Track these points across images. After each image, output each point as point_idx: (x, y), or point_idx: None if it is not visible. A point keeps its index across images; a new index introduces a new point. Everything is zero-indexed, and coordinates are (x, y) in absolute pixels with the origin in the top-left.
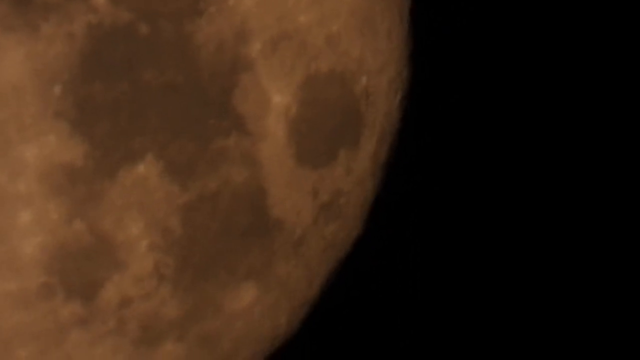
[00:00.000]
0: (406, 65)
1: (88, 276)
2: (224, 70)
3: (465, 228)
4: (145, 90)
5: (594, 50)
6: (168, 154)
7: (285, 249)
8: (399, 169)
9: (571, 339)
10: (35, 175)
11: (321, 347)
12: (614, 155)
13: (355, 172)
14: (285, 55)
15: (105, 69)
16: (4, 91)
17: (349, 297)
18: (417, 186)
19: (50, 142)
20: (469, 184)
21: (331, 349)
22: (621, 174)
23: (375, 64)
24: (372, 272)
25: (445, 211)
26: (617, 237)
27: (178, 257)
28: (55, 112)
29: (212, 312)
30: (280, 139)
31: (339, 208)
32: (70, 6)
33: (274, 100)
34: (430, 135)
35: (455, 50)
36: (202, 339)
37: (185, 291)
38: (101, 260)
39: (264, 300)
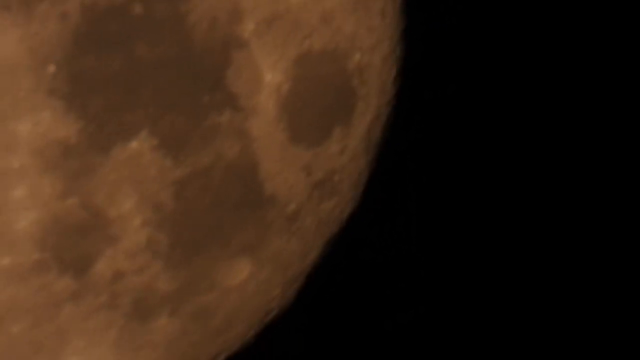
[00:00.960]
0: (399, 42)
1: (81, 251)
2: (217, 48)
3: (457, 205)
4: (138, 68)
5: (578, 43)
6: (161, 129)
7: (278, 224)
8: (393, 145)
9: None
10: (29, 150)
11: (314, 321)
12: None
13: (349, 150)
14: (278, 33)
15: (99, 47)
16: None
17: (342, 272)
18: (410, 163)
19: (45, 118)
20: (461, 161)
21: (324, 322)
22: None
23: (369, 41)
24: (365, 247)
25: (438, 188)
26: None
27: (171, 231)
28: (49, 89)
29: (205, 287)
30: (273, 115)
31: (332, 185)
32: None
33: (266, 77)
34: (423, 112)
35: (448, 29)
36: (195, 314)
37: (179, 266)
38: (94, 235)
39: (257, 275)
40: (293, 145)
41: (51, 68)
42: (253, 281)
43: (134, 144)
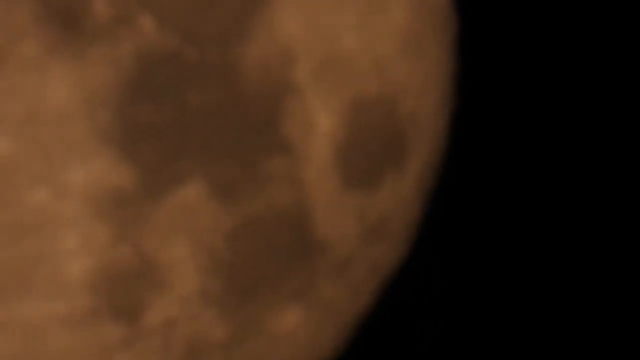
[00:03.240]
0: (452, 87)
1: (134, 298)
2: (269, 93)
3: (510, 249)
4: (191, 114)
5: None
6: (214, 176)
7: (330, 271)
8: (445, 191)
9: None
10: (82, 198)
11: None
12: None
13: (401, 194)
14: (331, 78)
15: (152, 93)
16: (52, 115)
17: (393, 318)
18: (462, 208)
19: (97, 165)
20: (514, 207)
21: None
22: None
23: (421, 86)
24: (417, 293)
25: (490, 233)
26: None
27: (223, 278)
28: (102, 136)
29: (257, 334)
30: (326, 162)
31: (384, 230)
32: (117, 31)
33: (320, 123)
34: (476, 157)
35: (502, 73)
36: None
37: (231, 313)
38: (147, 282)
39: (308, 322)
40: (345, 191)
41: (104, 115)
42: (304, 328)
43: (186, 191)
